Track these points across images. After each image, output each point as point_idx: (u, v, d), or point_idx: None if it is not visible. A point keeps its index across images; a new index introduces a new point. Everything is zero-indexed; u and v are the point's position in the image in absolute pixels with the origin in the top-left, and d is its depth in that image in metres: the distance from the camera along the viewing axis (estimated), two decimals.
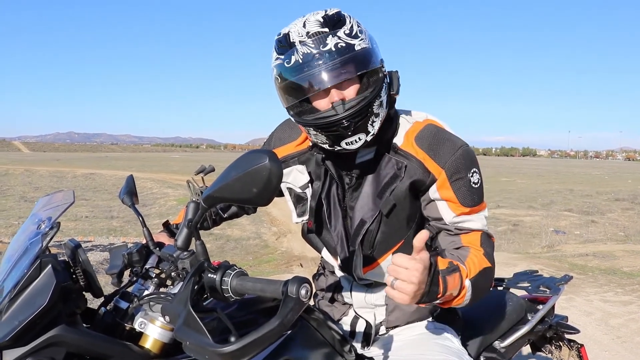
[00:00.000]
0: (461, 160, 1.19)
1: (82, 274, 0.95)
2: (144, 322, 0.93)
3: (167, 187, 15.49)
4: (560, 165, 55.33)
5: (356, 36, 1.13)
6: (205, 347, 0.72)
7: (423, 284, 0.99)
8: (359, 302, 1.34)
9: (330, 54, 1.10)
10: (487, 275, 1.16)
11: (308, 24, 1.13)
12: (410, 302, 1.00)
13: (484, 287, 1.16)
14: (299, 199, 1.34)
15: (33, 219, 1.06)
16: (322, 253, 1.38)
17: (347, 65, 1.11)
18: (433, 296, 1.03)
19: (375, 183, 1.23)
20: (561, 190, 17.83)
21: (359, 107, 1.12)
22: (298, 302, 0.75)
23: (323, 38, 1.11)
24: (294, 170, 1.33)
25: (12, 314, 0.83)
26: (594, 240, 8.18)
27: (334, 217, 1.29)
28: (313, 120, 1.15)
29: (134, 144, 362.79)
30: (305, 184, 1.31)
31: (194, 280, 0.82)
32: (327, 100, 1.14)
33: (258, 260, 6.44)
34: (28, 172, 22.77)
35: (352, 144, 1.16)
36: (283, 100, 1.21)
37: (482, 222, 1.21)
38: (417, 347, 1.23)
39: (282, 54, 1.15)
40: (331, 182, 1.28)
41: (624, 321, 3.95)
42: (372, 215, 1.23)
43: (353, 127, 1.13)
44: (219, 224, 1.62)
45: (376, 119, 1.16)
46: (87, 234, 7.96)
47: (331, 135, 1.15)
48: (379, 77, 1.16)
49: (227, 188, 0.81)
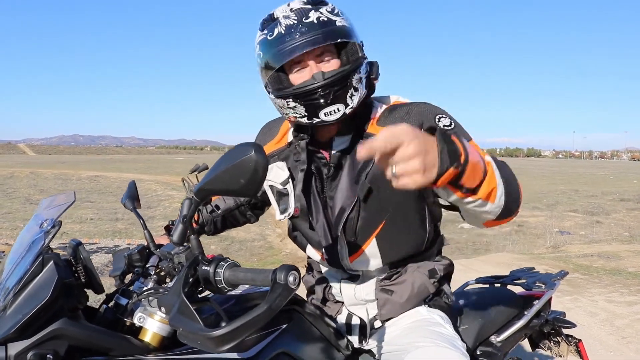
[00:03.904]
0: (419, 114, 1.21)
1: (83, 271, 0.98)
2: (143, 316, 0.96)
3: (171, 189, 15.55)
4: (565, 166, 55.05)
5: (338, 15, 1.19)
6: (197, 332, 0.75)
7: (425, 142, 0.78)
8: (350, 299, 1.34)
9: (311, 25, 1.15)
10: (505, 166, 1.02)
11: (292, 3, 1.20)
12: (429, 175, 0.78)
13: (510, 176, 1.00)
14: (280, 196, 1.35)
15: (36, 219, 1.09)
16: (307, 250, 1.39)
17: (327, 36, 1.15)
18: (455, 156, 0.81)
19: (352, 171, 1.25)
20: (566, 190, 17.76)
21: (338, 76, 1.14)
22: (286, 287, 0.77)
23: (306, 12, 1.16)
24: (274, 167, 1.36)
25: (16, 308, 0.86)
26: (599, 241, 8.16)
27: (315, 210, 1.30)
28: (292, 90, 1.18)
29: (139, 146, 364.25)
30: (285, 180, 1.33)
31: (187, 271, 0.85)
32: (306, 73, 1.18)
33: (263, 262, 6.48)
34: (33, 174, 22.91)
35: (331, 114, 1.17)
36: (264, 77, 1.24)
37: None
38: (410, 334, 1.23)
39: (265, 29, 1.20)
40: (309, 174, 1.29)
41: (629, 322, 3.94)
42: (350, 202, 1.24)
43: (332, 96, 1.14)
44: (221, 230, 1.63)
45: (355, 92, 1.17)
46: (92, 236, 8.02)
47: (310, 104, 1.16)
48: (359, 56, 1.19)
49: (216, 180, 0.84)
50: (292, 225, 1.41)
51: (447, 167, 0.80)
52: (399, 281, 1.30)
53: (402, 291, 1.29)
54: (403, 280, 1.30)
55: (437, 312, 1.31)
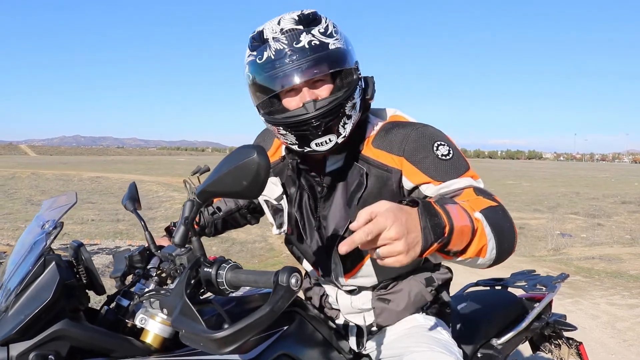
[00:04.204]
0: (417, 140, 1.14)
1: (85, 272, 0.99)
2: (144, 318, 0.96)
3: (172, 191, 15.55)
4: (566, 168, 54.99)
5: (331, 35, 1.11)
6: (199, 334, 0.75)
7: (406, 221, 0.76)
8: (346, 308, 1.33)
9: (302, 51, 1.08)
10: (498, 212, 0.97)
11: (283, 22, 1.12)
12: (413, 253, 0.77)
13: (503, 224, 0.96)
14: (276, 211, 1.33)
15: (37, 220, 1.09)
16: (303, 264, 1.38)
17: (319, 63, 1.09)
18: (439, 230, 0.81)
19: (345, 192, 1.21)
20: (567, 193, 17.72)
21: (331, 107, 1.09)
22: (288, 290, 0.76)
23: (297, 35, 1.09)
24: (269, 182, 1.30)
25: (18, 309, 0.86)
26: (600, 243, 8.13)
27: (308, 228, 1.28)
28: (283, 118, 1.12)
29: (140, 148, 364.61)
30: (279, 196, 1.30)
31: (190, 273, 0.85)
32: (298, 100, 1.12)
33: (264, 264, 6.47)
34: (35, 175, 22.94)
35: (322, 145, 1.13)
36: (254, 98, 1.19)
37: (469, 181, 1.09)
38: (406, 339, 1.23)
39: (254, 50, 1.14)
40: (302, 192, 1.27)
41: (631, 324, 3.94)
42: (343, 225, 1.21)
43: (323, 127, 1.10)
44: (221, 232, 1.62)
45: (348, 120, 1.13)
46: (93, 237, 8.02)
47: (301, 135, 1.12)
48: (353, 79, 1.13)
49: (218, 182, 0.84)
50: (288, 239, 1.39)
51: (431, 243, 0.80)
52: (396, 290, 1.29)
53: (399, 300, 1.28)
54: (400, 289, 1.29)
55: (434, 319, 1.31)
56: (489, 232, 0.92)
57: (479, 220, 0.92)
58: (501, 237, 0.94)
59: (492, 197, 1.04)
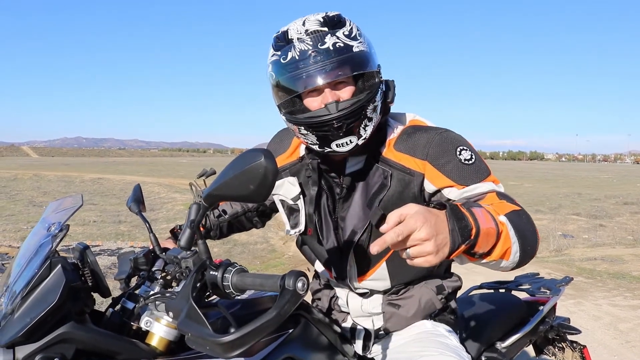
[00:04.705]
0: (440, 144, 1.16)
1: (90, 275, 0.99)
2: (149, 320, 0.96)
3: (174, 192, 15.56)
4: (568, 169, 54.91)
5: (355, 38, 1.13)
6: (206, 337, 0.75)
7: (435, 223, 0.79)
8: (356, 311, 1.34)
9: (327, 53, 1.09)
10: (521, 216, 1.00)
11: (307, 23, 1.13)
12: (441, 254, 0.79)
13: (527, 228, 0.99)
14: (291, 211, 1.33)
15: (43, 223, 1.09)
16: (316, 265, 1.38)
17: (343, 65, 1.10)
18: (466, 232, 0.83)
19: (365, 193, 1.22)
20: (569, 194, 17.69)
21: (352, 109, 1.10)
22: (295, 294, 0.77)
23: (322, 36, 1.11)
24: (286, 182, 1.33)
25: (23, 312, 0.86)
26: (602, 244, 8.12)
27: (325, 229, 1.28)
28: (305, 119, 1.14)
29: (142, 149, 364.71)
30: (296, 196, 1.30)
31: (196, 276, 0.85)
32: (320, 100, 1.13)
33: (265, 265, 6.46)
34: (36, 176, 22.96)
35: (343, 146, 1.14)
36: (276, 98, 1.20)
37: (491, 186, 1.12)
38: (415, 345, 1.23)
39: (278, 50, 1.15)
40: (321, 193, 1.27)
41: (633, 325, 3.93)
42: (362, 225, 1.21)
43: (345, 129, 1.11)
44: (226, 235, 1.62)
45: (369, 123, 1.14)
46: (95, 239, 8.02)
47: (322, 135, 1.13)
48: (375, 82, 1.15)
49: (225, 186, 0.84)
50: (301, 239, 1.39)
51: (459, 245, 0.83)
52: (406, 296, 1.30)
53: (409, 306, 1.29)
54: (410, 295, 1.30)
55: (442, 326, 1.31)
56: (513, 236, 0.94)
57: (504, 224, 0.94)
58: (524, 241, 0.96)
59: (515, 201, 1.06)
